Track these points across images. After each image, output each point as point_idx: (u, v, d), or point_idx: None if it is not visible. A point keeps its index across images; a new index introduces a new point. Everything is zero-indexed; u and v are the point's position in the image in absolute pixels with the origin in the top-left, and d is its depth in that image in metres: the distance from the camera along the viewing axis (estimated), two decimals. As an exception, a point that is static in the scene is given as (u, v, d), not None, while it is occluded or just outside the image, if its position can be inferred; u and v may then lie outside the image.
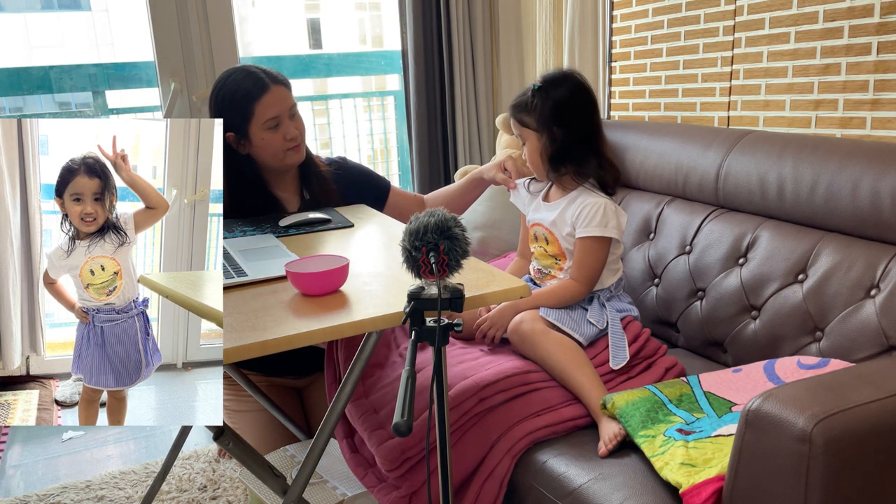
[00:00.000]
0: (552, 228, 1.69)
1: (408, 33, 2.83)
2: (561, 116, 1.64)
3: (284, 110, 1.80)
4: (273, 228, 1.75)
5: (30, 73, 2.58)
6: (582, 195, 1.66)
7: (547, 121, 1.64)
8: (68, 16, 3.07)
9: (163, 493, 1.98)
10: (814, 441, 0.95)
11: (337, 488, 1.60)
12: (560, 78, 1.66)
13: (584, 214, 1.63)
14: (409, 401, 0.95)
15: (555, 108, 1.63)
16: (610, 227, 1.62)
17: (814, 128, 1.81)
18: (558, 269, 1.71)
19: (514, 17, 2.94)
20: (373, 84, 3.49)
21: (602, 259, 1.64)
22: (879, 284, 1.43)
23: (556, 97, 1.64)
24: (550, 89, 1.64)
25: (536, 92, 1.64)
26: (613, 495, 1.21)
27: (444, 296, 1.07)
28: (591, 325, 1.60)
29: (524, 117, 1.67)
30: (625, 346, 1.57)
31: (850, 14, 1.68)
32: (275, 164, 1.85)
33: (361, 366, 1.28)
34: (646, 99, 2.32)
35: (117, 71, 2.72)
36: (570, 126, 1.64)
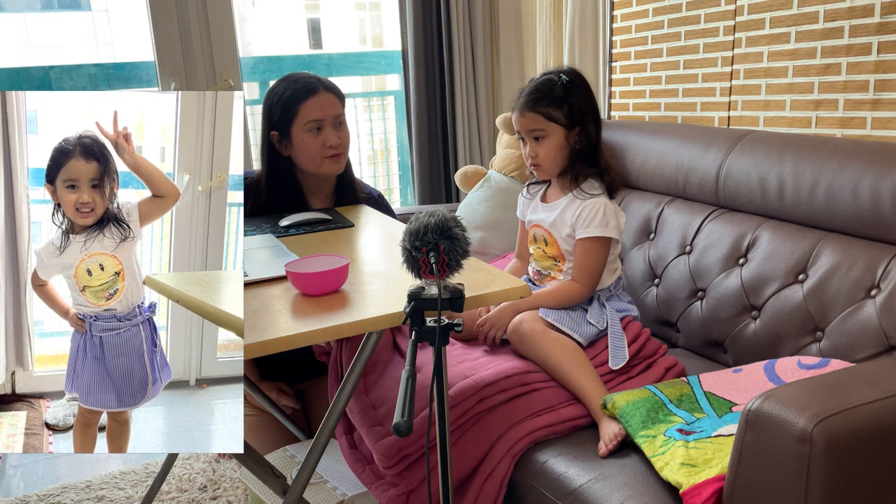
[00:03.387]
0: (551, 230, 1.69)
1: (408, 33, 2.83)
2: (591, 112, 1.63)
3: (329, 116, 1.82)
4: (273, 228, 1.75)
5: (30, 73, 2.58)
6: (581, 196, 1.65)
7: (581, 116, 1.62)
8: (68, 16, 3.07)
9: (163, 493, 1.98)
10: (814, 441, 0.95)
11: (337, 488, 1.60)
12: (575, 74, 1.65)
13: (584, 215, 1.62)
14: (409, 401, 0.95)
15: (587, 103, 1.62)
16: (610, 227, 1.62)
17: (814, 128, 1.81)
18: (558, 271, 1.71)
19: (514, 17, 2.94)
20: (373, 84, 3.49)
21: (603, 259, 1.63)
22: (880, 284, 1.43)
23: (585, 93, 1.62)
24: (577, 84, 1.62)
25: (567, 86, 1.61)
26: (613, 495, 1.21)
27: (444, 296, 1.07)
28: (590, 325, 1.60)
29: (552, 111, 1.61)
30: (624, 347, 1.57)
31: (850, 14, 1.68)
32: (312, 169, 1.86)
33: (361, 366, 1.28)
34: (646, 99, 2.32)
35: (117, 71, 2.72)
36: (596, 123, 1.64)
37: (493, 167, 2.53)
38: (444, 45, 2.83)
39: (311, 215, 1.79)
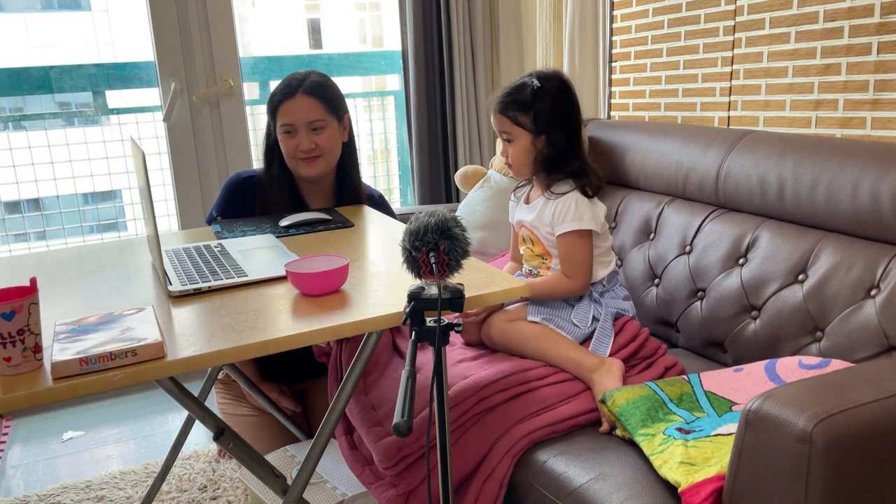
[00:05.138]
0: (533, 229, 1.70)
1: (408, 33, 2.83)
2: (558, 120, 1.63)
3: (301, 121, 1.82)
4: (273, 228, 1.75)
5: (30, 73, 2.58)
6: (551, 196, 1.66)
7: (546, 123, 1.63)
8: (68, 16, 3.07)
9: (163, 493, 1.98)
10: (814, 441, 0.95)
11: (337, 488, 1.60)
12: (554, 79, 1.65)
13: (558, 211, 1.63)
14: (409, 401, 0.95)
15: (554, 110, 1.63)
16: (585, 220, 1.61)
17: (814, 128, 1.81)
18: (546, 269, 1.71)
19: (514, 17, 2.94)
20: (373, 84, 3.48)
21: (587, 252, 1.63)
22: (879, 284, 1.43)
23: (555, 99, 1.63)
24: (548, 90, 1.63)
25: (536, 92, 1.62)
26: (613, 495, 1.21)
27: (444, 296, 1.07)
28: (575, 326, 1.60)
29: (519, 116, 1.64)
30: (608, 343, 1.58)
31: (850, 14, 1.68)
32: (291, 169, 1.89)
33: (361, 366, 1.28)
34: (646, 99, 2.32)
35: (117, 71, 2.71)
36: (565, 130, 1.64)
37: (493, 167, 2.53)
38: (444, 45, 2.83)
39: (311, 215, 1.80)
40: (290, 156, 1.85)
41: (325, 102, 1.84)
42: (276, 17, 3.39)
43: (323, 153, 1.85)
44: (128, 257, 1.60)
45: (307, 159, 1.85)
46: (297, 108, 1.81)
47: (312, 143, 1.83)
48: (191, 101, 2.65)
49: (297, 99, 1.81)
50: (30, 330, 1.00)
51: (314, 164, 1.86)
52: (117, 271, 1.49)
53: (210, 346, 1.07)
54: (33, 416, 2.54)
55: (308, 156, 1.84)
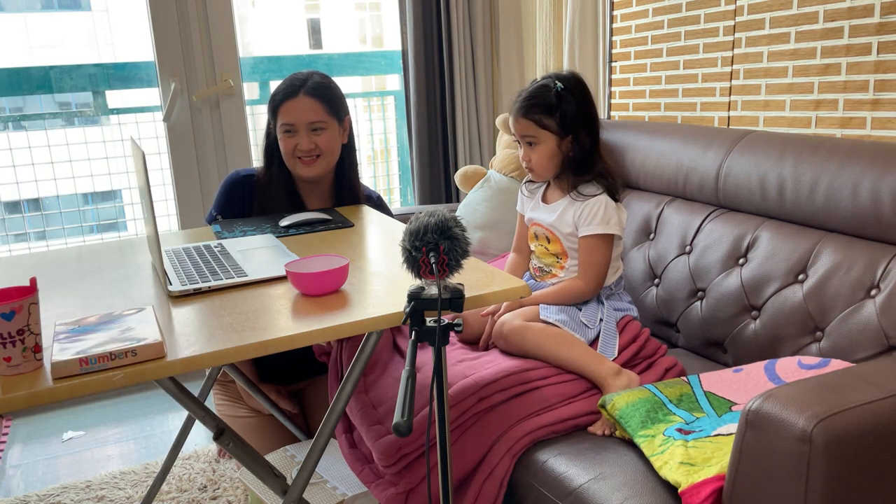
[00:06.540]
0: (553, 229, 1.69)
1: (408, 33, 2.83)
2: (584, 120, 1.63)
3: (302, 122, 1.82)
4: (273, 228, 1.75)
5: (30, 73, 2.58)
6: (579, 198, 1.66)
7: (573, 124, 1.62)
8: (68, 16, 3.07)
9: (163, 493, 1.98)
10: (814, 441, 0.95)
11: (337, 488, 1.60)
12: (574, 80, 1.65)
13: (585, 213, 1.63)
14: (409, 401, 0.95)
15: (579, 111, 1.62)
16: (612, 224, 1.62)
17: (814, 128, 1.81)
18: (559, 268, 1.71)
19: (514, 17, 2.94)
20: (373, 84, 3.48)
21: (607, 256, 1.64)
22: (879, 284, 1.43)
23: (579, 100, 1.62)
24: (571, 91, 1.62)
25: (561, 94, 1.61)
26: (613, 495, 1.21)
27: (444, 296, 1.07)
28: (585, 327, 1.60)
29: (544, 119, 1.62)
30: (614, 345, 1.57)
31: (850, 14, 1.68)
32: (290, 169, 1.90)
33: (361, 366, 1.28)
34: (646, 99, 2.32)
35: (117, 71, 2.72)
36: (590, 131, 1.64)
37: (493, 167, 2.53)
38: (444, 45, 2.83)
39: (311, 215, 1.80)
40: (289, 155, 1.86)
41: (327, 104, 1.84)
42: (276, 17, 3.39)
43: (322, 154, 1.86)
44: (128, 257, 1.60)
45: (306, 160, 1.85)
46: (298, 108, 1.82)
47: (312, 144, 1.83)
48: (191, 101, 2.65)
49: (299, 99, 1.82)
50: (30, 330, 1.00)
51: (313, 164, 1.86)
52: (117, 271, 1.49)
53: (210, 346, 1.07)
54: (33, 416, 2.54)
55: (307, 156, 1.85)
